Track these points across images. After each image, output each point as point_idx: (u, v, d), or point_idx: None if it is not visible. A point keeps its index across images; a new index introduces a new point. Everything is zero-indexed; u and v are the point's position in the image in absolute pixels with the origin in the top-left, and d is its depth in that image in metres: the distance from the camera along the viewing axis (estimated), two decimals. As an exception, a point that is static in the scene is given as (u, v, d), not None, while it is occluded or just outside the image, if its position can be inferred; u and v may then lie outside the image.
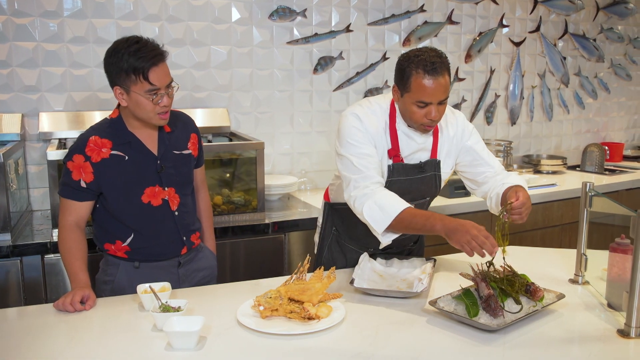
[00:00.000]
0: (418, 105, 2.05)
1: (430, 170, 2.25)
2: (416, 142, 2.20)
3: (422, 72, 2.00)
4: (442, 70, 2.01)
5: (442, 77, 2.01)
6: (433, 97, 2.02)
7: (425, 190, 2.26)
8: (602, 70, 5.03)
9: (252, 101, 3.62)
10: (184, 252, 2.24)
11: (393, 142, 2.18)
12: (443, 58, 2.04)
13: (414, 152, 2.21)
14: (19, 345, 1.67)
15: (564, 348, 1.66)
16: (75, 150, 2.08)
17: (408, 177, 2.21)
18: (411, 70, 2.02)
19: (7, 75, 3.06)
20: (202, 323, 1.66)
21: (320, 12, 3.72)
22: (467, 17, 4.24)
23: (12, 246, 2.57)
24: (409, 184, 2.22)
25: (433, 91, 2.01)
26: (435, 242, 3.40)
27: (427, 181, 2.25)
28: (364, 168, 2.09)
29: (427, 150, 2.24)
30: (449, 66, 2.07)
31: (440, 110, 2.06)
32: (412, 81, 2.03)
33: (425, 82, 2.00)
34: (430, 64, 1.99)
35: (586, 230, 2.12)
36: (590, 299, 1.99)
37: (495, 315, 1.71)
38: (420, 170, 2.22)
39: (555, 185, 3.95)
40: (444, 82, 2.02)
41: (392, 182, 2.19)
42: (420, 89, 2.01)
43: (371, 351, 1.62)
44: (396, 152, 2.18)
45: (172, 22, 3.35)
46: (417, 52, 2.05)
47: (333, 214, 2.43)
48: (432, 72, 1.99)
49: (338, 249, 2.42)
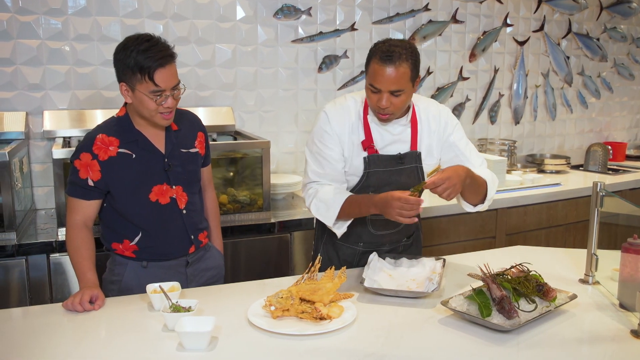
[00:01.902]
0: (371, 90, 2.07)
1: (411, 162, 2.24)
2: (390, 133, 2.21)
3: (378, 58, 2.02)
4: (398, 60, 2.00)
5: (396, 67, 2.00)
6: (383, 84, 2.02)
7: (406, 182, 2.22)
8: (605, 70, 5.03)
9: (256, 100, 3.61)
10: (191, 251, 2.22)
11: (366, 134, 2.20)
12: (406, 49, 2.03)
13: (390, 144, 2.22)
14: (26, 345, 1.66)
15: (578, 349, 1.65)
16: (82, 149, 2.06)
17: (386, 168, 2.21)
18: (371, 55, 2.06)
19: (11, 73, 3.04)
20: (213, 323, 1.64)
21: (325, 11, 3.70)
22: (472, 16, 4.23)
23: (17, 245, 2.56)
24: (388, 176, 2.22)
25: (383, 78, 2.01)
26: (439, 242, 3.41)
27: (408, 173, 2.24)
28: (321, 170, 2.23)
29: (405, 142, 2.23)
30: (414, 59, 2.04)
31: (393, 101, 2.05)
32: (370, 65, 2.06)
33: (378, 67, 2.02)
34: (388, 51, 2.00)
35: (597, 230, 2.11)
36: (602, 299, 1.98)
37: (510, 316, 1.70)
38: (399, 161, 2.22)
39: (560, 185, 3.94)
40: (396, 73, 2.00)
41: (370, 173, 2.21)
42: (373, 73, 2.04)
43: (384, 351, 1.61)
44: (369, 144, 2.20)
45: (177, 20, 3.33)
46: (385, 40, 2.08)
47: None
48: (386, 60, 2.00)
49: (332, 248, 2.41)
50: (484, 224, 3.55)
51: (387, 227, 2.32)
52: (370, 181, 2.22)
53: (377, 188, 2.22)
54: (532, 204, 3.70)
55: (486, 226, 3.56)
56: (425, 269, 2.16)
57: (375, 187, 2.22)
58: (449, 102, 4.25)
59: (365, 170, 2.21)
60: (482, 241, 3.54)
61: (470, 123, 4.39)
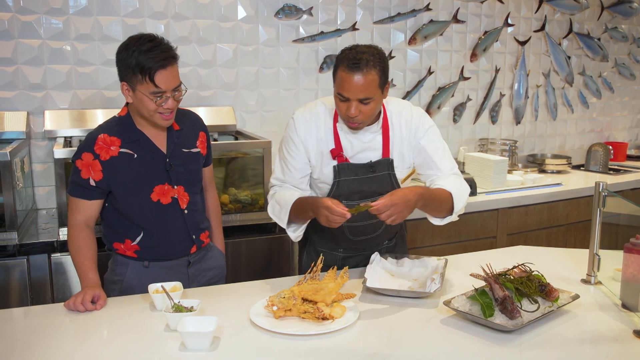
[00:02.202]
0: (340, 99, 2.02)
1: (383, 170, 2.19)
2: (361, 140, 2.17)
3: (345, 66, 1.97)
4: (365, 67, 1.95)
5: (364, 75, 1.95)
6: (351, 92, 1.97)
7: (378, 190, 2.19)
8: (606, 70, 5.03)
9: (257, 99, 3.61)
10: (193, 251, 2.22)
11: (336, 142, 2.17)
12: (373, 56, 1.98)
13: (360, 152, 2.17)
14: (27, 345, 1.65)
15: (581, 349, 1.65)
16: (84, 149, 2.06)
17: (357, 176, 2.18)
18: (339, 63, 2.01)
19: (12, 73, 3.04)
20: (216, 323, 1.64)
21: (327, 11, 3.70)
22: (473, 16, 4.23)
23: (18, 245, 2.56)
24: (359, 184, 2.18)
25: (351, 87, 1.96)
26: (440, 242, 3.41)
27: (380, 180, 2.20)
28: (282, 177, 2.24)
29: (376, 150, 2.18)
30: (382, 65, 2.00)
31: (363, 109, 2.01)
32: (337, 73, 2.01)
33: (345, 75, 1.97)
34: (355, 59, 1.95)
35: (599, 230, 2.10)
36: (604, 300, 1.98)
37: (513, 316, 1.70)
38: (370, 169, 2.18)
39: (561, 185, 3.93)
40: (364, 81, 1.95)
41: (340, 182, 2.18)
42: (341, 81, 1.99)
43: (387, 352, 1.61)
44: (338, 152, 2.16)
45: (178, 19, 3.33)
46: (352, 46, 2.02)
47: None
48: (353, 68, 1.95)
49: (314, 254, 2.39)
50: (485, 224, 3.55)
51: (365, 232, 2.28)
52: (341, 190, 2.18)
53: (348, 196, 2.19)
54: (533, 204, 3.70)
55: (487, 226, 3.56)
56: (427, 269, 2.16)
57: (346, 196, 2.19)
58: (450, 102, 4.25)
59: (334, 179, 2.18)
60: (483, 241, 3.54)
61: (471, 123, 4.39)
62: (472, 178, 3.60)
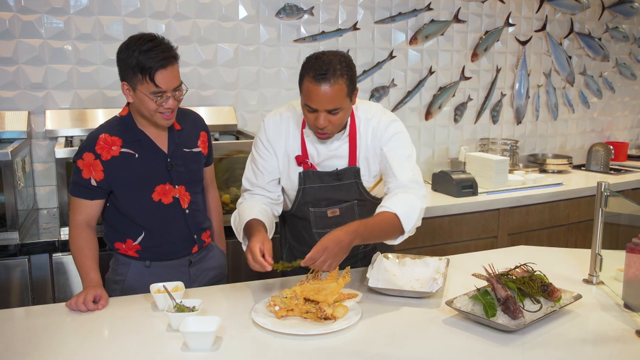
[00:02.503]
0: (307, 109, 1.96)
1: (349, 178, 2.14)
2: (327, 148, 2.12)
3: (311, 77, 1.90)
4: (333, 77, 1.88)
5: (331, 85, 1.88)
6: (319, 104, 1.91)
7: (344, 198, 2.17)
8: (607, 70, 5.02)
9: (258, 99, 3.61)
10: (195, 251, 2.22)
11: (302, 148, 2.13)
12: (340, 64, 1.91)
13: (326, 159, 2.13)
14: (29, 345, 1.65)
15: (584, 349, 1.64)
16: (85, 149, 2.06)
17: (323, 184, 2.14)
18: (304, 72, 1.93)
19: (13, 73, 3.04)
20: (218, 323, 1.64)
21: (328, 10, 3.70)
22: (474, 16, 4.23)
23: (19, 245, 2.56)
24: (325, 192, 2.15)
25: (319, 98, 1.90)
26: (441, 242, 3.41)
27: (347, 189, 2.16)
28: (254, 180, 2.19)
29: (342, 157, 2.13)
30: (350, 73, 1.93)
31: (332, 119, 1.95)
32: (303, 83, 1.94)
33: (312, 87, 1.90)
34: (321, 70, 1.88)
35: (601, 230, 2.10)
36: (606, 300, 1.98)
37: (515, 317, 1.69)
38: (336, 177, 2.14)
39: (562, 185, 3.93)
40: (332, 92, 1.89)
41: (306, 189, 2.15)
42: (308, 92, 1.92)
43: (389, 352, 1.61)
44: (303, 159, 2.13)
45: (179, 19, 3.33)
46: (317, 55, 1.94)
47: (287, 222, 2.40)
48: (319, 79, 1.88)
49: (292, 256, 2.37)
50: (486, 223, 3.55)
51: None
52: (306, 197, 2.16)
53: (314, 204, 2.17)
54: (534, 203, 3.70)
55: (488, 226, 3.56)
56: (429, 269, 2.16)
57: (312, 203, 2.17)
58: (451, 102, 4.25)
59: (300, 186, 2.15)
60: (484, 241, 3.53)
61: (472, 123, 4.39)
62: (473, 178, 3.60)
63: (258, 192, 2.20)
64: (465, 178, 3.59)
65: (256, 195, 2.20)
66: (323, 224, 2.21)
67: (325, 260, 1.81)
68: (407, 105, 4.07)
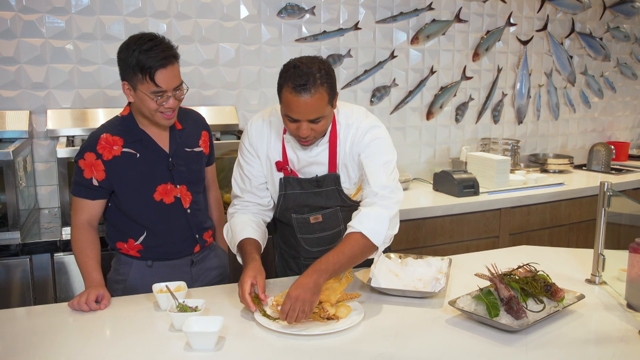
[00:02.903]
0: (288, 119, 1.92)
1: (329, 185, 2.11)
2: (307, 154, 2.08)
3: (290, 88, 1.84)
4: (313, 87, 1.83)
5: (311, 96, 1.83)
6: (300, 114, 1.87)
7: (326, 204, 2.15)
8: (608, 69, 5.02)
9: (260, 99, 3.60)
10: (196, 251, 2.22)
11: (283, 154, 2.10)
12: (320, 72, 1.85)
13: (306, 165, 2.10)
14: (31, 345, 1.65)
15: (587, 349, 1.64)
16: (86, 148, 2.06)
17: (303, 190, 2.12)
18: (283, 82, 1.88)
19: (14, 72, 3.03)
20: (221, 323, 1.64)
21: (329, 10, 3.69)
22: (475, 16, 4.22)
23: (21, 244, 2.55)
24: (305, 198, 2.13)
25: (300, 109, 1.86)
26: (442, 242, 3.41)
27: (328, 195, 2.13)
28: (243, 185, 2.17)
29: (322, 164, 2.09)
30: (330, 81, 1.88)
31: (314, 127, 1.91)
32: (282, 94, 1.89)
33: (292, 98, 1.85)
34: (300, 81, 1.83)
35: (604, 230, 2.10)
36: (609, 300, 1.97)
37: (519, 317, 1.69)
38: (316, 184, 2.11)
39: (563, 185, 3.93)
40: (312, 102, 1.84)
41: (286, 195, 2.13)
42: (288, 103, 1.88)
43: (392, 352, 1.60)
44: (283, 165, 2.10)
45: (181, 19, 3.32)
46: (295, 63, 1.88)
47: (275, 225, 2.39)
48: (299, 90, 1.83)
49: (283, 259, 2.40)
50: (488, 223, 3.54)
51: (320, 244, 2.23)
52: (287, 203, 2.14)
53: (296, 210, 2.16)
54: (536, 203, 3.69)
55: (490, 226, 3.56)
56: (432, 269, 2.15)
57: (294, 209, 2.16)
58: (452, 102, 4.24)
59: (280, 192, 2.13)
60: (485, 241, 3.53)
61: (473, 122, 4.38)
62: (474, 178, 3.60)
63: (248, 199, 2.17)
64: (467, 178, 3.59)
65: (247, 204, 2.17)
66: (307, 230, 2.21)
67: (300, 309, 1.73)
68: (408, 105, 4.07)
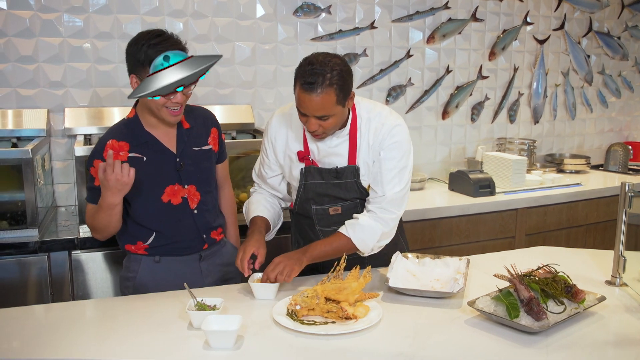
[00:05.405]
0: (299, 112, 1.99)
1: (349, 178, 2.13)
2: (327, 145, 2.12)
3: (300, 84, 1.91)
4: (320, 87, 1.88)
5: (319, 95, 1.89)
6: (308, 110, 1.94)
7: (344, 195, 2.16)
8: (626, 69, 4.96)
9: (275, 98, 3.60)
10: (204, 248, 2.22)
11: (304, 144, 2.16)
12: (331, 72, 1.89)
13: (326, 156, 2.14)
14: (49, 342, 1.66)
15: (608, 351, 1.63)
16: (94, 156, 2.07)
17: (323, 180, 2.15)
18: (296, 77, 1.95)
19: (33, 71, 3.06)
20: (240, 322, 1.64)
21: (345, 9, 3.69)
22: (491, 15, 4.19)
23: (39, 242, 2.57)
24: (325, 188, 2.16)
25: (307, 105, 1.92)
26: (459, 242, 3.39)
27: (347, 187, 2.15)
28: (261, 172, 2.32)
29: (342, 156, 2.13)
30: (340, 82, 1.91)
31: (323, 124, 1.97)
32: (295, 87, 1.95)
33: (301, 94, 1.92)
34: (309, 80, 1.88)
35: (624, 231, 2.07)
36: (630, 302, 1.95)
37: (539, 318, 1.68)
38: (335, 176, 2.14)
39: (580, 185, 3.89)
40: (319, 101, 1.90)
41: (307, 185, 2.17)
42: (298, 98, 1.95)
43: (411, 352, 1.60)
44: (305, 155, 2.15)
45: (197, 18, 3.33)
46: (311, 60, 1.93)
47: (294, 220, 2.40)
48: (307, 88, 1.89)
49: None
50: (504, 224, 3.52)
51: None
52: (308, 193, 2.17)
53: (316, 200, 2.18)
54: (553, 204, 3.66)
55: (506, 226, 3.53)
56: (449, 269, 2.14)
57: (314, 200, 2.18)
58: (468, 101, 4.22)
59: (301, 182, 2.17)
60: (501, 241, 3.51)
61: (489, 122, 4.35)
62: (490, 177, 3.58)
63: (265, 188, 2.35)
64: (483, 178, 3.57)
65: (263, 190, 2.36)
66: (326, 222, 2.22)
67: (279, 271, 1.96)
68: (424, 104, 4.05)
